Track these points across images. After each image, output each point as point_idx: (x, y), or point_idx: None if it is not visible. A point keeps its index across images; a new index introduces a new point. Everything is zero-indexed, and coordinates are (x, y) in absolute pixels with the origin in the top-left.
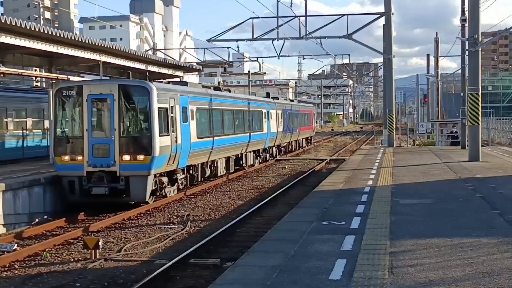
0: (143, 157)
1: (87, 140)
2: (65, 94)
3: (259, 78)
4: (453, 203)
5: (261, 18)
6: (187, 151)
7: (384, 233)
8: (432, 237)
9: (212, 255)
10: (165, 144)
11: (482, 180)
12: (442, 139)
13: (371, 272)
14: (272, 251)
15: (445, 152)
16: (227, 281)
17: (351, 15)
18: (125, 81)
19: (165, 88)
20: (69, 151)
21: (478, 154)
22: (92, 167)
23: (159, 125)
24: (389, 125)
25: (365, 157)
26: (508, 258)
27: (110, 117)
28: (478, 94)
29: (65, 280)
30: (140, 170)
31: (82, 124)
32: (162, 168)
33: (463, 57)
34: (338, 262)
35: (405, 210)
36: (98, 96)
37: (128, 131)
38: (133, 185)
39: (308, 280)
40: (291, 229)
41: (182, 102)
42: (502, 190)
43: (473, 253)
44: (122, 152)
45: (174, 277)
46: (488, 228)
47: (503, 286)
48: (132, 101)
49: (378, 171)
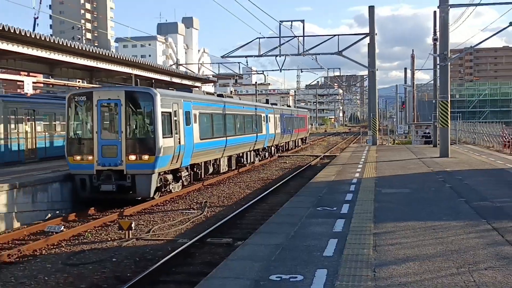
0: (148, 157)
1: (97, 141)
2: (77, 100)
3: (264, 88)
4: (426, 192)
5: (266, 38)
6: (190, 151)
7: (369, 217)
8: (409, 220)
9: (226, 235)
10: (168, 145)
11: (450, 173)
12: (417, 139)
13: (358, 249)
14: (276, 232)
15: (420, 150)
16: (238, 257)
17: (341, 35)
18: (131, 88)
19: (168, 94)
20: (80, 151)
21: (447, 151)
22: (101, 166)
23: (162, 127)
24: (373, 127)
25: (353, 153)
26: (473, 238)
27: (117, 120)
28: (447, 101)
29: (103, 256)
30: (145, 169)
31: (92, 127)
32: (166, 166)
33: (435, 70)
34: (331, 242)
35: (386, 198)
36: (106, 102)
37: (134, 133)
38: (139, 183)
39: (305, 257)
40: (291, 214)
41: (185, 107)
42: (467, 181)
43: (443, 234)
44: (128, 153)
45: (194, 253)
46: (456, 213)
47: (468, 261)
48: (138, 106)
49: (364, 165)
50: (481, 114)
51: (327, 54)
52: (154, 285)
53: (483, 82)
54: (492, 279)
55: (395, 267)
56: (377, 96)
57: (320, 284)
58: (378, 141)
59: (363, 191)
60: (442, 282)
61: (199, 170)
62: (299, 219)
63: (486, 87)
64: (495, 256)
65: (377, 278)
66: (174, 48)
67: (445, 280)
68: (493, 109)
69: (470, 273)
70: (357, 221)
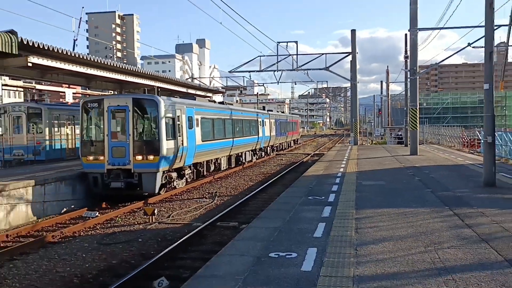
0: (153, 157)
1: (107, 143)
2: (90, 106)
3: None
4: (399, 184)
5: (266, 56)
6: (193, 151)
7: (351, 205)
8: (384, 207)
9: (232, 220)
10: (171, 146)
11: (419, 168)
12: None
13: (343, 231)
14: (274, 217)
15: (393, 149)
16: (243, 238)
17: (328, 54)
18: (138, 95)
19: (172, 101)
20: (93, 152)
21: (416, 150)
22: (111, 165)
23: (166, 131)
24: (355, 130)
25: (338, 152)
26: (437, 222)
27: (125, 124)
28: (416, 108)
29: (131, 237)
30: (151, 168)
31: (103, 130)
32: (170, 166)
33: (406, 83)
34: (320, 225)
35: (366, 189)
36: (116, 108)
37: (141, 136)
38: (145, 180)
39: (299, 237)
40: (286, 202)
41: (188, 112)
42: (433, 175)
43: (413, 219)
44: (135, 153)
45: (206, 235)
46: (424, 201)
47: (434, 241)
48: (144, 111)
49: (347, 162)
50: (444, 119)
51: (317, 70)
52: (173, 261)
53: (446, 92)
54: (454, 256)
55: (373, 246)
56: (358, 104)
57: (311, 260)
58: (359, 142)
59: (346, 183)
60: (413, 258)
61: (201, 168)
62: (293, 206)
63: (449, 96)
64: (456, 237)
65: (358, 255)
66: (189, 65)
67: (415, 257)
68: (454, 115)
69: (435, 251)
70: (342, 208)
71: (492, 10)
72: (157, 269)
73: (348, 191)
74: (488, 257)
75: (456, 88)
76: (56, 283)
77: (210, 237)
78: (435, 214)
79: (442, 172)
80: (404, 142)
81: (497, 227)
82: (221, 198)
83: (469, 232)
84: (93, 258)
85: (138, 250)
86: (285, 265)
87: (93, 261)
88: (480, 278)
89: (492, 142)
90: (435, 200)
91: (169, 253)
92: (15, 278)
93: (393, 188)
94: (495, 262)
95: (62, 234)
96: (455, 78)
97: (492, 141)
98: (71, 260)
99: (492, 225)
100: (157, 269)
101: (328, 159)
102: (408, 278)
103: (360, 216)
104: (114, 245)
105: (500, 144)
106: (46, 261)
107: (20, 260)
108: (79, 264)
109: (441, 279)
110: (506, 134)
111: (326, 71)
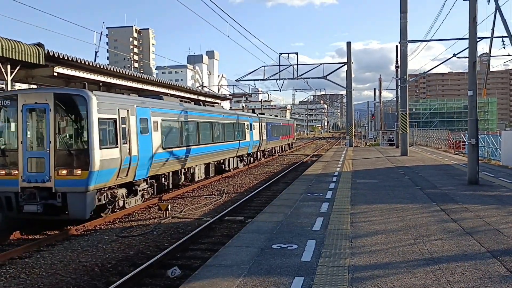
0: (80, 172)
1: (22, 153)
2: (1, 104)
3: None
4: (390, 182)
5: (269, 66)
6: (148, 162)
7: (347, 201)
8: (377, 203)
9: (239, 215)
10: (110, 157)
11: (409, 168)
12: (383, 142)
13: (339, 225)
14: (276, 212)
15: (386, 150)
16: (248, 231)
17: (326, 64)
18: (61, 90)
19: (110, 97)
20: (3, 165)
21: (406, 151)
22: (27, 182)
23: (100, 136)
24: (350, 133)
25: (335, 153)
26: (426, 217)
27: (45, 128)
28: (406, 113)
29: (147, 230)
30: (77, 186)
31: (17, 136)
32: (109, 182)
33: (397, 90)
34: (318, 219)
35: (360, 186)
36: (33, 106)
37: (65, 143)
38: (71, 202)
39: (299, 230)
40: (288, 198)
41: (139, 113)
42: (422, 174)
43: (403, 214)
44: (58, 167)
45: (215, 228)
46: (413, 198)
47: (422, 233)
48: (69, 111)
49: (343, 162)
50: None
51: (315, 78)
52: (185, 252)
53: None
54: (441, 247)
55: (367, 238)
56: (353, 109)
57: (310, 251)
58: (354, 144)
59: (342, 181)
60: (403, 250)
61: (166, 180)
62: (294, 202)
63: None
64: (443, 230)
65: (353, 247)
66: (200, 74)
67: (405, 248)
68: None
69: (424, 243)
70: (338, 204)
71: (476, 23)
72: (171, 259)
73: (344, 188)
74: (472, 249)
75: (442, 95)
76: (79, 272)
77: (218, 230)
78: (423, 210)
79: (430, 171)
80: (395, 144)
81: (480, 221)
82: (228, 195)
83: (454, 226)
84: (112, 249)
85: (153, 242)
86: (287, 256)
87: (112, 252)
88: (465, 267)
89: (476, 144)
90: (424, 196)
91: (181, 244)
92: (42, 268)
93: (385, 185)
94: (478, 253)
95: (84, 227)
96: (441, 85)
97: (475, 143)
98: (93, 251)
99: (475, 219)
100: (170, 259)
101: (326, 159)
102: (399, 267)
103: (355, 211)
104: (131, 238)
105: (483, 146)
106: (70, 252)
107: (47, 251)
108: (99, 254)
109: (428, 268)
110: (489, 136)
111: (324, 80)
